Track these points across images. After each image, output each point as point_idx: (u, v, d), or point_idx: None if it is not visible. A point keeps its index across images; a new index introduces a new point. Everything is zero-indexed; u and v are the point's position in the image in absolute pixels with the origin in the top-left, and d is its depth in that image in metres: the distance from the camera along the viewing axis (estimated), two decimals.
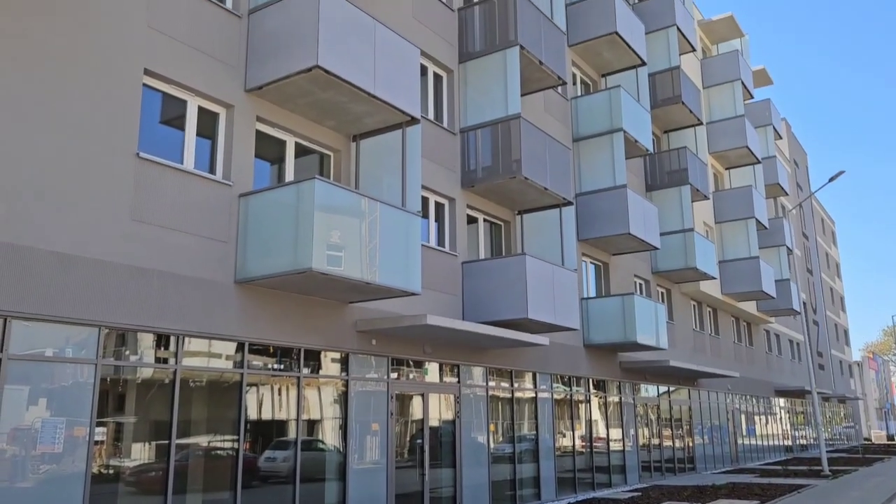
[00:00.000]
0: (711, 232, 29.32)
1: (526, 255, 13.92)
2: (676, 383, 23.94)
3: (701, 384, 26.05)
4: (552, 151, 15.45)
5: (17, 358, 7.41)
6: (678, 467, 23.37)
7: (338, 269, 9.43)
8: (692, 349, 25.50)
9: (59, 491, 7.59)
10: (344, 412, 11.31)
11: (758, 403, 32.89)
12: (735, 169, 32.73)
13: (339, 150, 12.00)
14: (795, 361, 40.63)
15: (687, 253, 22.88)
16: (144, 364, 8.76)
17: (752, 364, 32.54)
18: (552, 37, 16.65)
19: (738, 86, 31.22)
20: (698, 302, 27.57)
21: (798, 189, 48.57)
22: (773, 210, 40.62)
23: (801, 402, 40.12)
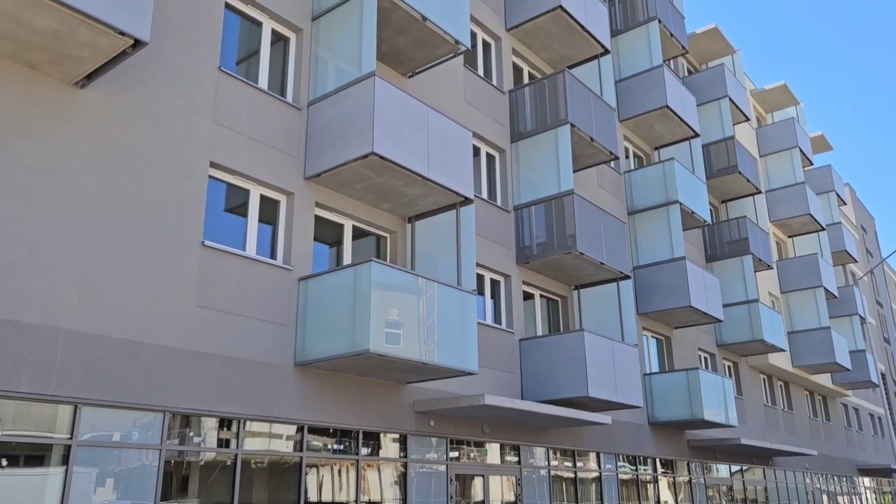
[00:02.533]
0: (778, 302, 28.39)
1: (584, 332, 13.72)
2: (749, 462, 22.76)
3: (776, 463, 24.70)
4: (607, 225, 15.41)
5: (85, 444, 7.62)
6: None
7: (395, 350, 9.45)
8: (764, 425, 24.34)
9: None
10: (403, 494, 11.12)
11: (840, 483, 30.91)
12: (799, 237, 31.91)
13: (394, 232, 12.22)
14: (878, 437, 38.23)
15: (753, 324, 22.17)
16: (207, 448, 8.85)
17: (830, 441, 30.77)
18: (602, 113, 16.87)
19: (797, 153, 30.77)
20: (768, 376, 26.47)
21: (868, 255, 46.83)
22: (843, 278, 39.16)
23: (888, 481, 37.53)
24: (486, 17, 16.01)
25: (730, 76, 25.81)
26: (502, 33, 16.51)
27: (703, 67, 28.04)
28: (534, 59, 17.44)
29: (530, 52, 17.31)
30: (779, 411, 26.16)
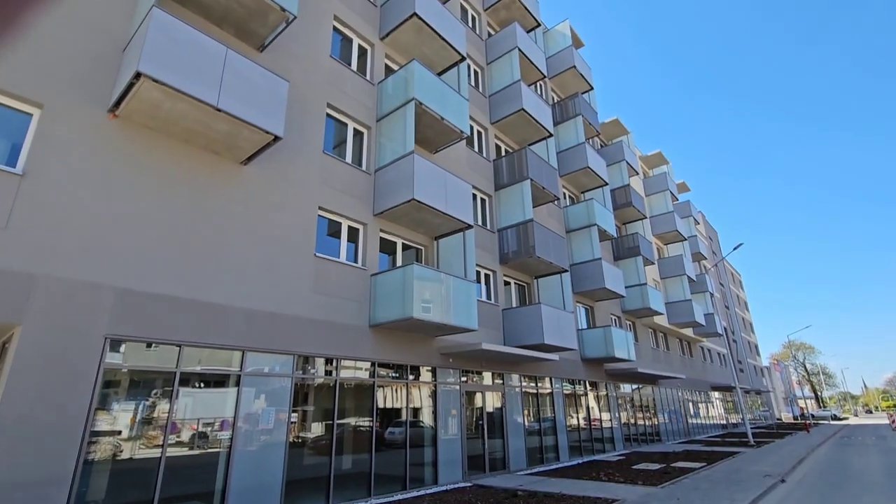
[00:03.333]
0: (659, 285, 28.17)
1: (541, 304, 13.84)
2: (643, 382, 22.66)
3: (660, 384, 24.56)
4: (554, 239, 15.53)
5: (248, 374, 7.87)
6: (649, 439, 21.85)
7: (427, 316, 9.65)
8: (652, 360, 24.16)
9: (271, 452, 7.85)
10: (434, 403, 11.27)
11: (700, 395, 30.54)
12: (671, 244, 31.66)
13: (427, 246, 12.41)
14: (723, 367, 37.70)
15: (643, 298, 22.05)
16: (318, 376, 9.07)
17: (693, 369, 30.40)
18: (549, 172, 17.00)
19: (668, 193, 30.70)
20: (654, 329, 26.28)
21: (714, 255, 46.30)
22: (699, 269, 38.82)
23: (729, 394, 37.00)
24: (478, 116, 16.21)
25: (626, 148, 25.81)
26: (488, 125, 16.70)
27: (610, 142, 28.03)
28: (507, 140, 17.62)
29: (505, 136, 17.49)
30: (661, 352, 25.92)
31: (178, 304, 7.11)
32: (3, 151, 6.20)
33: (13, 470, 5.36)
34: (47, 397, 5.74)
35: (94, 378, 6.13)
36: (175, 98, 6.76)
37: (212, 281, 7.60)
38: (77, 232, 6.38)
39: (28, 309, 5.82)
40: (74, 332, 6.09)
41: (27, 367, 5.68)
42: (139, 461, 6.49)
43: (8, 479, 5.31)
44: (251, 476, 7.44)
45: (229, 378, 7.67)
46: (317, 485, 8.38)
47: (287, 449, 7.95)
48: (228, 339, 7.60)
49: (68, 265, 6.21)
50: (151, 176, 7.27)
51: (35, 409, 5.64)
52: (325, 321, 9.11)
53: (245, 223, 8.29)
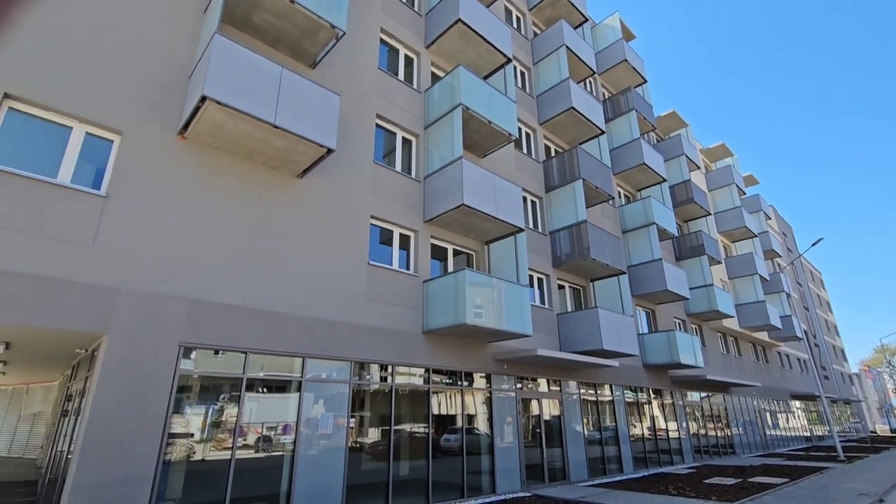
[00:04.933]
0: (727, 285, 26.49)
1: (598, 308, 13.41)
2: (713, 390, 21.32)
3: (732, 391, 23.02)
4: (609, 240, 15.02)
5: (309, 380, 8.17)
6: (721, 451, 20.50)
7: (480, 322, 9.61)
8: (722, 366, 22.69)
9: (332, 456, 8.08)
10: (489, 410, 11.17)
11: (779, 404, 28.31)
12: (739, 242, 29.68)
13: (478, 251, 12.38)
14: (805, 374, 34.74)
15: (710, 300, 20.79)
16: (374, 382, 9.25)
17: (769, 376, 28.23)
18: (602, 171, 16.50)
19: (733, 188, 28.85)
20: (723, 333, 24.70)
21: (789, 252, 42.91)
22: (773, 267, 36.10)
23: (813, 403, 34.04)
24: (526, 117, 16.04)
25: (685, 141, 24.54)
26: (537, 126, 16.48)
27: (667, 136, 26.79)
28: (557, 140, 17.28)
29: (554, 136, 17.16)
30: (731, 357, 24.31)
31: (244, 314, 7.52)
32: (90, 175, 6.85)
33: (103, 467, 5.86)
34: (131, 401, 6.24)
35: (170, 383, 6.59)
36: (237, 118, 7.19)
37: (273, 291, 7.97)
38: (153, 248, 6.91)
39: (113, 319, 6.36)
40: (153, 341, 6.59)
41: (113, 372, 6.21)
42: (210, 462, 6.90)
43: (99, 476, 5.81)
44: (314, 479, 7.70)
45: (291, 384, 8.00)
46: (375, 490, 8.52)
47: (347, 453, 8.16)
48: (289, 347, 7.93)
49: (146, 279, 6.74)
50: (217, 193, 7.75)
51: (121, 411, 6.14)
52: (380, 328, 9.29)
53: (302, 234, 8.64)
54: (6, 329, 6.43)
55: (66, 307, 6.04)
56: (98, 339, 6.72)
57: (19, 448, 16.01)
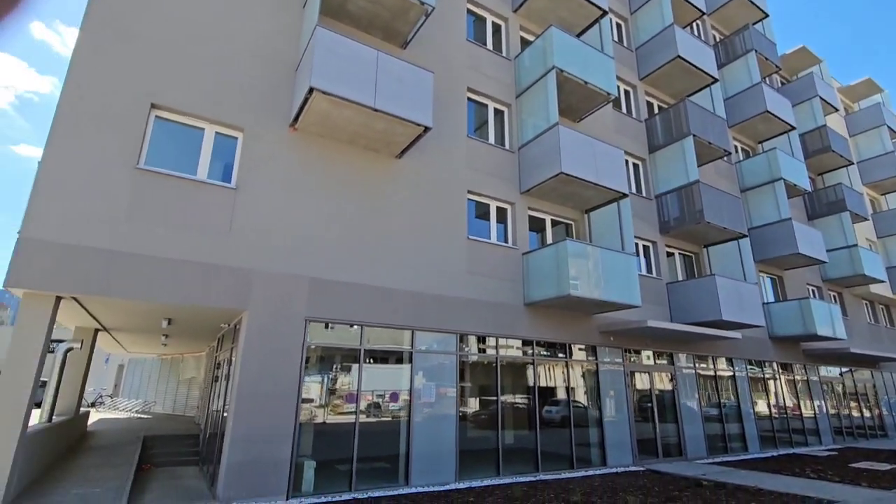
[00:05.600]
0: (875, 245, 22.79)
1: (715, 276, 12.34)
2: (857, 365, 18.74)
3: (882, 366, 20.04)
4: (726, 201, 13.62)
5: (418, 351, 8.62)
6: (868, 433, 18.07)
7: (584, 293, 9.35)
8: (870, 339, 19.77)
9: (443, 423, 8.47)
10: (596, 384, 10.96)
11: None
12: (891, 194, 25.22)
13: (577, 220, 11.98)
14: None
15: (854, 263, 18.07)
16: (479, 354, 9.50)
17: None
18: (716, 124, 14.88)
19: (883, 130, 24.29)
20: (871, 301, 21.43)
21: None
22: None
23: None
24: (624, 74, 14.91)
25: (818, 80, 21.12)
26: (637, 82, 15.26)
27: (795, 77, 23.26)
28: (661, 95, 15.87)
29: (658, 90, 15.78)
30: (881, 328, 21.05)
31: (357, 290, 8.09)
32: (220, 170, 7.72)
33: (253, 424, 6.76)
34: (269, 369, 7.08)
35: (300, 353, 7.36)
36: (340, 105, 7.60)
37: (382, 268, 8.46)
38: (277, 232, 7.66)
39: (251, 297, 7.22)
40: (284, 316, 7.38)
41: (253, 344, 7.08)
42: (335, 425, 7.63)
43: (250, 432, 6.73)
44: (428, 444, 8.19)
45: (402, 354, 8.51)
46: (486, 456, 8.85)
47: (457, 421, 8.54)
48: (399, 320, 8.41)
49: (274, 261, 7.51)
50: (327, 179, 8.33)
51: (262, 377, 7.01)
52: (482, 301, 9.46)
53: (404, 212, 9.00)
54: (170, 307, 7.59)
55: (214, 288, 6.96)
56: (239, 315, 7.68)
57: (180, 408, 19.03)
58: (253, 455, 6.67)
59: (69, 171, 6.39)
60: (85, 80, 6.75)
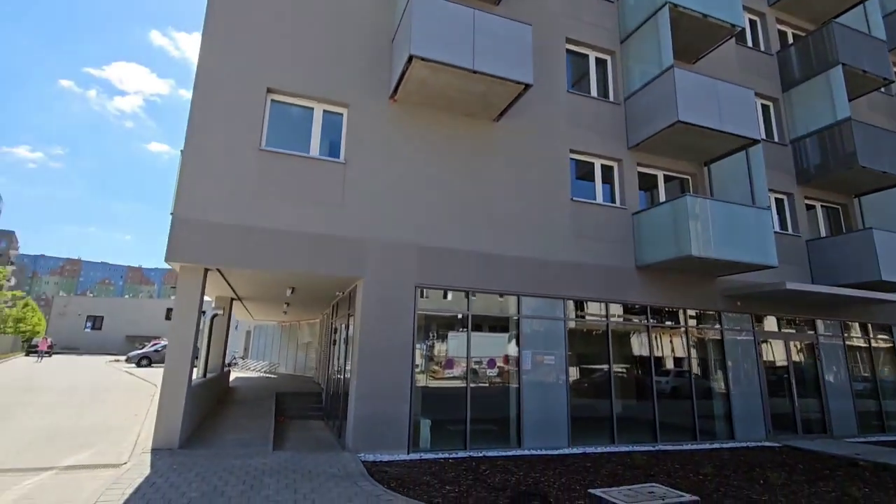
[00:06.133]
0: None
1: (872, 229, 10.58)
2: None
3: None
4: (887, 140, 11.49)
5: (525, 317, 8.58)
6: None
7: (709, 253, 8.57)
8: None
9: (554, 390, 8.40)
10: (720, 352, 10.13)
11: None
12: None
13: (694, 174, 10.91)
14: None
15: None
16: (588, 319, 9.20)
17: None
18: (872, 48, 12.46)
19: None
20: None
21: None
22: None
23: None
24: (749, 1, 13.00)
25: None
26: (765, 9, 13.23)
27: None
28: (795, 21, 13.63)
29: (791, 16, 13.56)
30: None
31: (463, 256, 8.21)
32: (329, 147, 8.15)
33: (374, 383, 7.27)
34: (386, 334, 7.52)
35: (412, 319, 7.70)
36: (438, 71, 7.56)
37: (485, 234, 8.47)
38: (385, 203, 7.97)
39: (365, 266, 7.65)
40: (396, 283, 7.74)
41: (370, 311, 7.53)
42: (446, 389, 7.94)
43: (373, 390, 7.25)
44: (539, 409, 8.23)
45: (509, 321, 8.53)
46: (599, 424, 8.69)
47: (568, 388, 8.45)
48: (505, 286, 8.42)
49: (384, 230, 7.86)
50: (427, 147, 8.44)
51: (379, 341, 7.46)
52: (589, 265, 9.12)
53: (505, 177, 8.86)
54: (294, 276, 8.32)
55: (332, 257, 7.48)
56: (354, 283, 8.20)
57: (300, 369, 21.17)
58: (376, 411, 7.20)
59: (206, 156, 7.16)
60: (211, 75, 7.44)
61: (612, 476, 6.36)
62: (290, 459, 6.35)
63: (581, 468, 6.77)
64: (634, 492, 5.51)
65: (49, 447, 6.80)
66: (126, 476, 5.21)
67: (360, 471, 5.93)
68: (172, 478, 5.23)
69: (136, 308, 45.12)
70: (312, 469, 5.90)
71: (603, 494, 5.39)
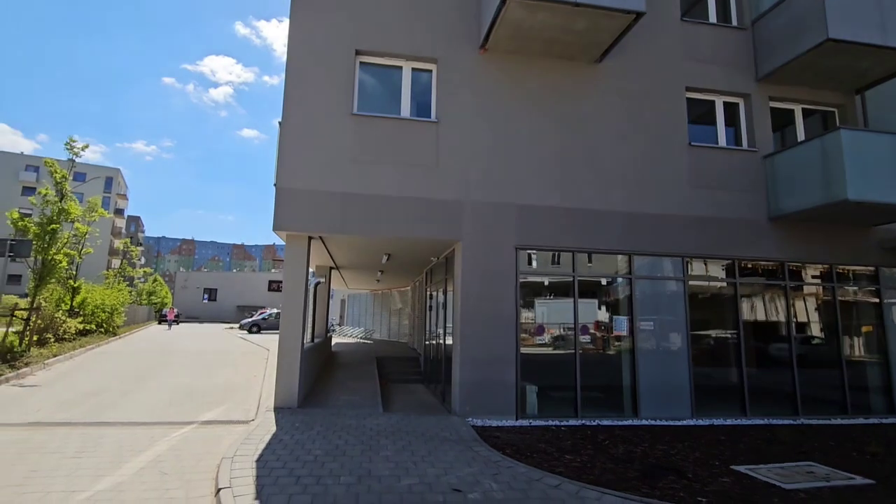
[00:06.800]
0: None
1: None
2: None
3: None
4: None
5: (638, 277, 7.90)
6: None
7: (870, 196, 7.20)
8: None
9: (672, 355, 7.75)
10: (877, 315, 8.70)
11: None
12: None
13: (841, 105, 9.23)
14: None
15: None
16: (711, 279, 8.31)
17: None
18: None
19: None
20: None
21: None
22: None
23: None
24: None
25: None
26: None
27: None
28: None
29: None
30: None
31: (566, 214, 7.67)
32: (420, 107, 7.88)
33: (478, 348, 7.13)
34: (487, 297, 7.29)
35: (514, 282, 7.39)
36: (535, 9, 6.90)
37: (590, 188, 7.83)
38: (480, 161, 7.61)
39: (463, 228, 7.42)
40: (495, 245, 7.43)
41: (470, 275, 7.32)
42: (552, 355, 7.58)
43: (477, 354, 7.12)
44: (657, 377, 7.63)
45: (620, 283, 7.92)
46: (726, 394, 7.91)
47: (688, 354, 7.74)
48: (614, 244, 7.79)
49: (480, 190, 7.53)
50: (523, 98, 7.88)
51: (481, 305, 7.26)
52: (711, 218, 8.15)
53: (609, 124, 8.08)
54: (390, 242, 8.31)
55: (429, 221, 7.33)
56: (451, 247, 8.03)
57: (394, 335, 21.97)
58: (481, 377, 7.08)
59: (302, 126, 7.24)
60: (301, 45, 7.44)
61: (753, 451, 5.70)
62: (401, 421, 6.45)
63: (713, 441, 6.16)
64: (788, 471, 4.88)
65: (188, 403, 7.55)
66: (256, 432, 5.56)
67: (473, 436, 5.86)
68: (297, 435, 5.50)
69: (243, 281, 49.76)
70: (424, 431, 5.93)
71: (750, 472, 4.83)
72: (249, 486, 3.97)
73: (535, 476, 4.47)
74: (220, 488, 3.91)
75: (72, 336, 14.71)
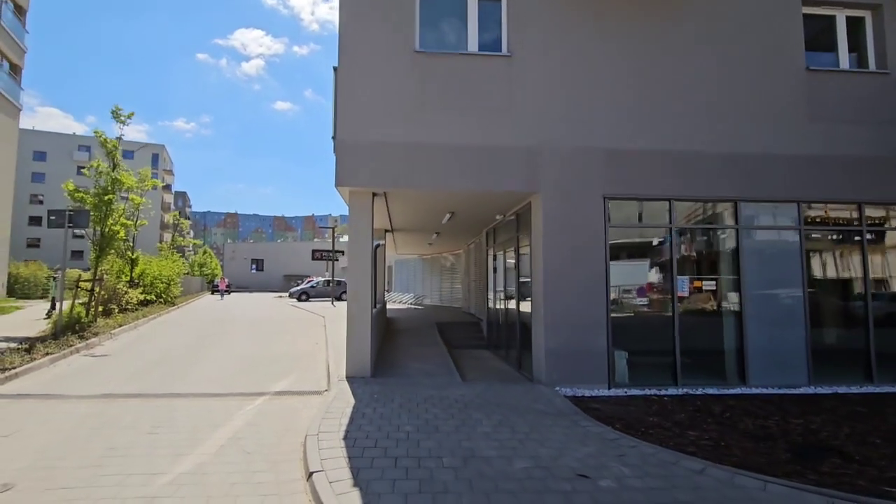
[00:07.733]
0: None
1: None
2: None
3: None
4: None
5: (745, 228, 6.91)
6: None
7: None
8: None
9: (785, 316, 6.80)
10: None
11: None
12: None
13: None
14: None
15: None
16: (833, 228, 7.16)
17: None
18: None
19: None
20: None
21: None
22: None
23: None
24: None
25: None
26: None
27: None
28: None
29: None
30: None
31: (659, 157, 6.70)
32: (489, 40, 6.95)
33: (563, 312, 6.41)
34: (572, 254, 6.51)
35: (603, 237, 6.56)
36: None
37: (685, 127, 6.80)
38: (559, 102, 6.68)
39: (541, 179, 6.59)
40: (580, 196, 6.59)
41: (551, 230, 6.54)
42: (643, 318, 6.78)
43: (563, 320, 6.42)
44: (769, 341, 6.73)
45: (725, 234, 6.95)
46: (848, 359, 6.94)
47: (806, 315, 6.76)
48: (715, 191, 6.80)
49: (561, 134, 6.64)
50: (601, 33, 6.85)
51: (564, 266, 6.50)
52: (833, 156, 6.98)
53: (708, 51, 6.94)
54: (457, 196, 7.57)
55: (502, 171, 6.55)
56: (526, 200, 7.23)
57: (446, 300, 21.58)
58: (567, 342, 6.40)
59: (359, 70, 6.50)
60: None
61: None
62: (486, 391, 5.91)
63: (852, 414, 5.29)
64: None
65: (255, 372, 7.29)
66: (335, 405, 5.14)
67: (572, 408, 5.23)
68: (379, 408, 5.04)
69: (288, 251, 50.79)
70: (516, 404, 5.35)
71: None
72: (343, 468, 3.51)
73: (669, 458, 3.80)
74: (311, 472, 3.46)
75: (134, 306, 15.05)
